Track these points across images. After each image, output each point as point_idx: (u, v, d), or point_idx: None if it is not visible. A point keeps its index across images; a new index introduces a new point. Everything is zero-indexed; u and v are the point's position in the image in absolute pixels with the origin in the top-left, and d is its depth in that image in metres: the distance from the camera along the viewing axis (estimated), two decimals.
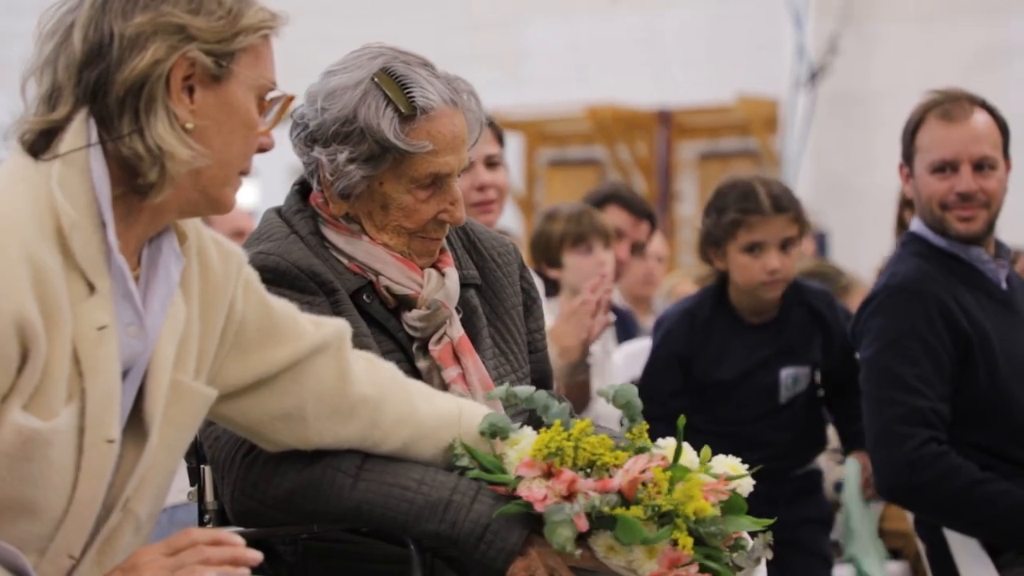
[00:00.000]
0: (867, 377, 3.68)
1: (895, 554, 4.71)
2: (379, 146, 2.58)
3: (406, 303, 2.67)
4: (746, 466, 2.45)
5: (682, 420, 2.43)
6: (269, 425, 2.34)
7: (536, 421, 2.53)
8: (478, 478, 2.41)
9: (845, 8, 12.27)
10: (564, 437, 2.34)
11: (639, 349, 5.21)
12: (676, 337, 4.18)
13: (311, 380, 2.32)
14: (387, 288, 2.66)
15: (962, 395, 3.61)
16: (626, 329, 5.80)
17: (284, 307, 2.32)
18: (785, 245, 4.06)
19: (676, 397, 4.06)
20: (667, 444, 2.43)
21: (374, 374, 2.42)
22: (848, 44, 12.17)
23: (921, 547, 3.79)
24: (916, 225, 3.79)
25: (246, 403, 2.29)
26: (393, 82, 2.58)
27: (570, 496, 2.29)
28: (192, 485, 2.68)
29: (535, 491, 2.30)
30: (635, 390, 2.45)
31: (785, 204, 4.08)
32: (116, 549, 2.06)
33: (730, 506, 2.37)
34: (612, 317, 4.38)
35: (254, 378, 2.27)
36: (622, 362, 5.04)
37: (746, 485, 2.41)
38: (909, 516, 3.83)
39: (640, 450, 2.39)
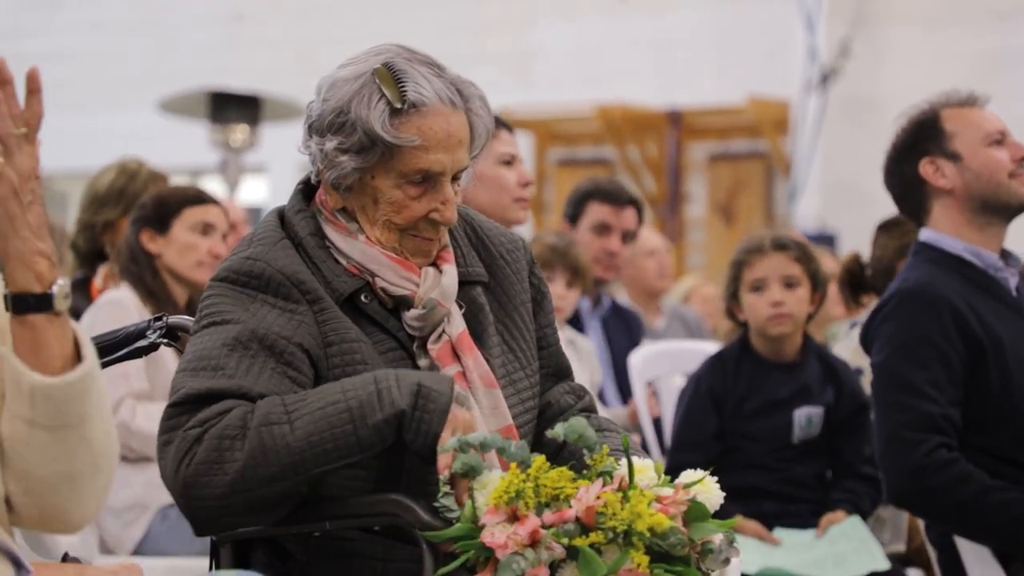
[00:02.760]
0: (878, 382, 3.66)
1: (909, 561, 4.70)
2: (368, 138, 2.58)
3: (404, 302, 2.67)
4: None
5: (626, 439, 2.47)
6: None
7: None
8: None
9: (857, 12, 12.26)
10: (523, 479, 2.33)
11: (654, 352, 5.22)
12: (708, 377, 4.38)
13: None
14: (383, 289, 2.66)
15: (973, 400, 3.59)
16: (631, 331, 5.80)
17: None
18: (789, 283, 4.30)
19: (717, 439, 4.30)
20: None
21: None
22: (859, 48, 12.16)
23: (932, 554, 3.78)
24: (926, 235, 3.77)
25: None
26: (390, 76, 2.59)
27: (533, 544, 2.28)
28: None
29: (497, 537, 2.30)
30: (584, 423, 2.45)
31: (785, 243, 4.37)
32: None
33: (693, 514, 2.37)
34: None
35: None
36: (640, 364, 5.05)
37: (710, 491, 2.41)
38: (921, 523, 3.83)
39: (603, 475, 2.39)
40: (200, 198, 4.56)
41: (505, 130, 4.20)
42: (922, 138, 3.73)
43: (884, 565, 4.10)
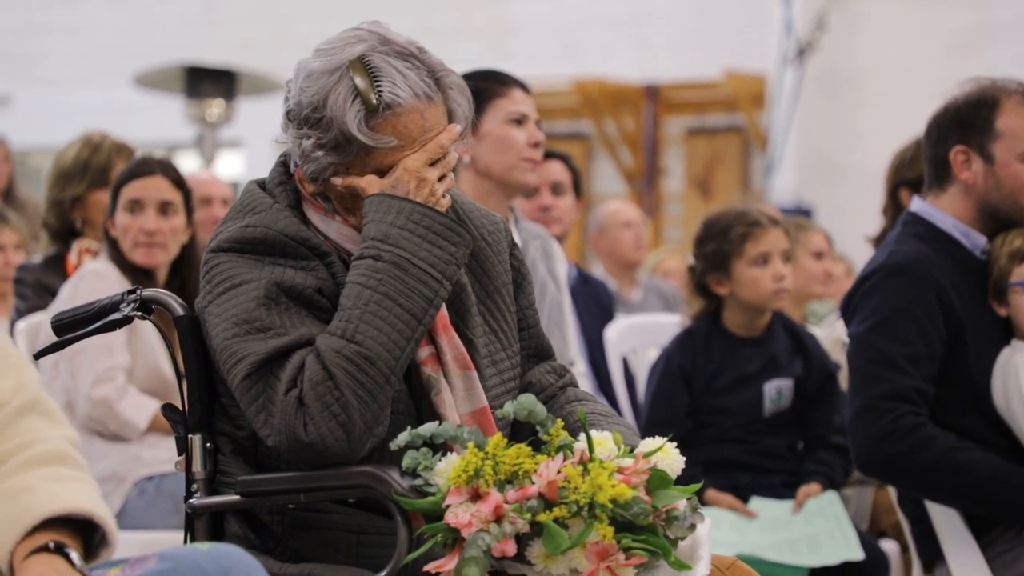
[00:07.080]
0: (856, 353, 3.67)
1: (883, 533, 4.73)
2: (344, 137, 2.57)
3: None
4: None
5: (582, 413, 2.47)
6: None
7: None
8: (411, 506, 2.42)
9: None
10: (481, 457, 2.34)
11: (629, 325, 5.22)
12: (678, 354, 4.38)
13: None
14: None
15: (948, 380, 3.61)
16: (599, 300, 5.78)
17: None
18: (786, 258, 4.31)
19: (688, 416, 4.31)
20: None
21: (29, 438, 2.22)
22: (836, 21, 12.17)
23: (905, 525, 3.80)
24: (918, 206, 3.78)
25: None
26: (365, 73, 2.57)
27: (498, 520, 2.30)
28: (179, 455, 2.68)
29: (460, 517, 2.31)
30: (534, 399, 2.46)
31: (777, 219, 4.38)
32: None
33: (655, 482, 2.38)
34: None
35: None
36: (616, 338, 5.06)
37: (671, 458, 2.43)
38: (894, 495, 3.84)
39: (561, 448, 2.41)
40: (136, 172, 4.45)
41: (519, 89, 4.13)
42: (971, 122, 3.68)
43: (858, 554, 4.09)
